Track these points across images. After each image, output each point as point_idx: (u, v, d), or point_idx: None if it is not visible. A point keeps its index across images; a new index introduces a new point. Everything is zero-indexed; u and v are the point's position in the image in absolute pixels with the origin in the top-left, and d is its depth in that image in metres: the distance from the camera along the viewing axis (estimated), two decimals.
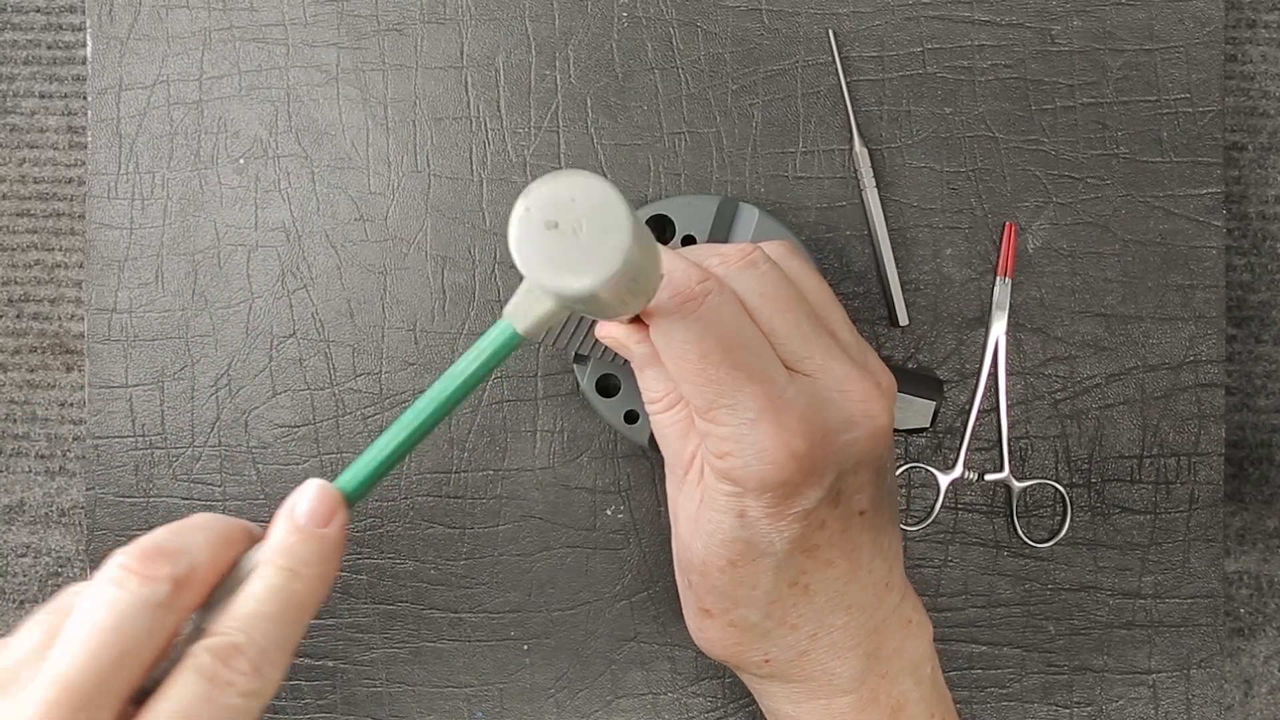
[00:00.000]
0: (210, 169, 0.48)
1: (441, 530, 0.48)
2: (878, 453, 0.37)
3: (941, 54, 0.48)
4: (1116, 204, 0.48)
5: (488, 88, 0.48)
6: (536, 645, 0.48)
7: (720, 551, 0.36)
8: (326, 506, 0.32)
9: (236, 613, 0.30)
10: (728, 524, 0.36)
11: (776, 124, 0.48)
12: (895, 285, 0.47)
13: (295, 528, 0.32)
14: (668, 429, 0.38)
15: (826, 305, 0.38)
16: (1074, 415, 0.48)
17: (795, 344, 0.36)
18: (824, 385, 0.36)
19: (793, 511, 0.35)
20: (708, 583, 0.38)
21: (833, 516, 0.36)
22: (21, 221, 0.52)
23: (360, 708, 0.48)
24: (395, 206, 0.48)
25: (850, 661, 0.38)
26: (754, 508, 0.35)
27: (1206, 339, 0.48)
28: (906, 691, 0.39)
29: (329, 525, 0.32)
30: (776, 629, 0.38)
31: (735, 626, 0.38)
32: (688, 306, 0.34)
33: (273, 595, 0.31)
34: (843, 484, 0.36)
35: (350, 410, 0.48)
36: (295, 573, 0.31)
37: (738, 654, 0.39)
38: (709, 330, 0.34)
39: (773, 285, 0.36)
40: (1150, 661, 0.48)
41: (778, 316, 0.36)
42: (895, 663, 0.39)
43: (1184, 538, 0.48)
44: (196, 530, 0.32)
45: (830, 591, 0.38)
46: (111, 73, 0.48)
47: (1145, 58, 0.48)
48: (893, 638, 0.39)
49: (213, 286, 0.48)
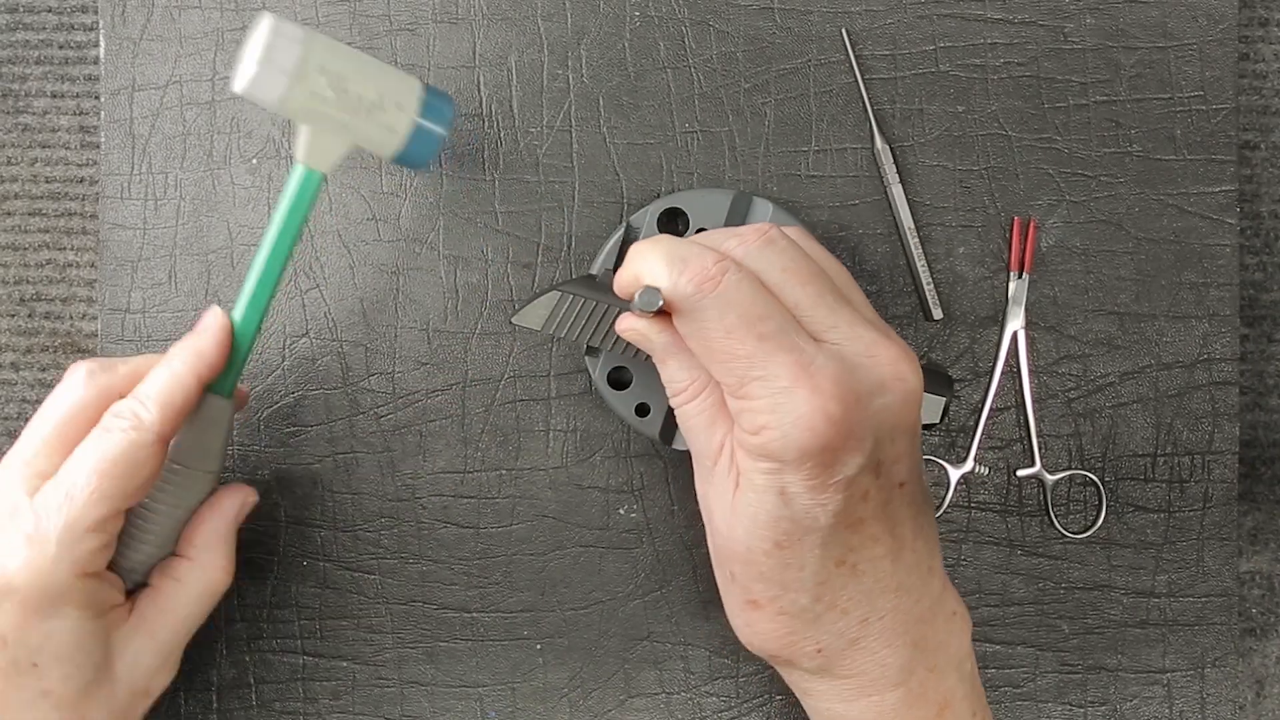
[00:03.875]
0: (223, 169, 0.48)
1: (454, 530, 0.48)
2: (912, 418, 0.37)
3: (954, 52, 0.48)
4: (1130, 202, 0.48)
5: (500, 87, 0.48)
6: (549, 645, 0.48)
7: (764, 534, 0.36)
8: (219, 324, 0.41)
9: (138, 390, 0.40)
10: (769, 504, 0.36)
11: (789, 122, 0.48)
12: (927, 280, 0.47)
13: (197, 333, 0.41)
14: (694, 419, 0.38)
15: (847, 286, 0.39)
16: (1087, 414, 0.48)
17: (820, 314, 0.36)
18: (852, 351, 0.36)
19: (834, 481, 0.35)
20: (753, 570, 0.38)
21: (875, 487, 0.36)
22: (33, 221, 0.52)
23: (374, 707, 0.48)
24: (408, 206, 0.48)
25: (900, 651, 0.38)
26: (794, 482, 0.35)
27: (1220, 337, 0.48)
28: (952, 688, 0.39)
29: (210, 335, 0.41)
30: (827, 613, 0.38)
31: (785, 614, 0.38)
32: (706, 286, 0.35)
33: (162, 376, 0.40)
34: (881, 453, 0.36)
35: (364, 410, 0.48)
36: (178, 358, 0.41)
37: (789, 645, 0.39)
38: (730, 307, 0.35)
39: (792, 260, 0.37)
40: (1165, 660, 0.48)
41: (800, 289, 0.36)
42: (941, 655, 0.39)
43: (1198, 536, 0.48)
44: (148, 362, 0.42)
45: (878, 571, 0.37)
46: (124, 73, 0.48)
47: (1158, 55, 0.48)
48: (938, 629, 0.39)
49: (226, 286, 0.48)
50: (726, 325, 0.35)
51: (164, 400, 0.40)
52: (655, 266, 0.36)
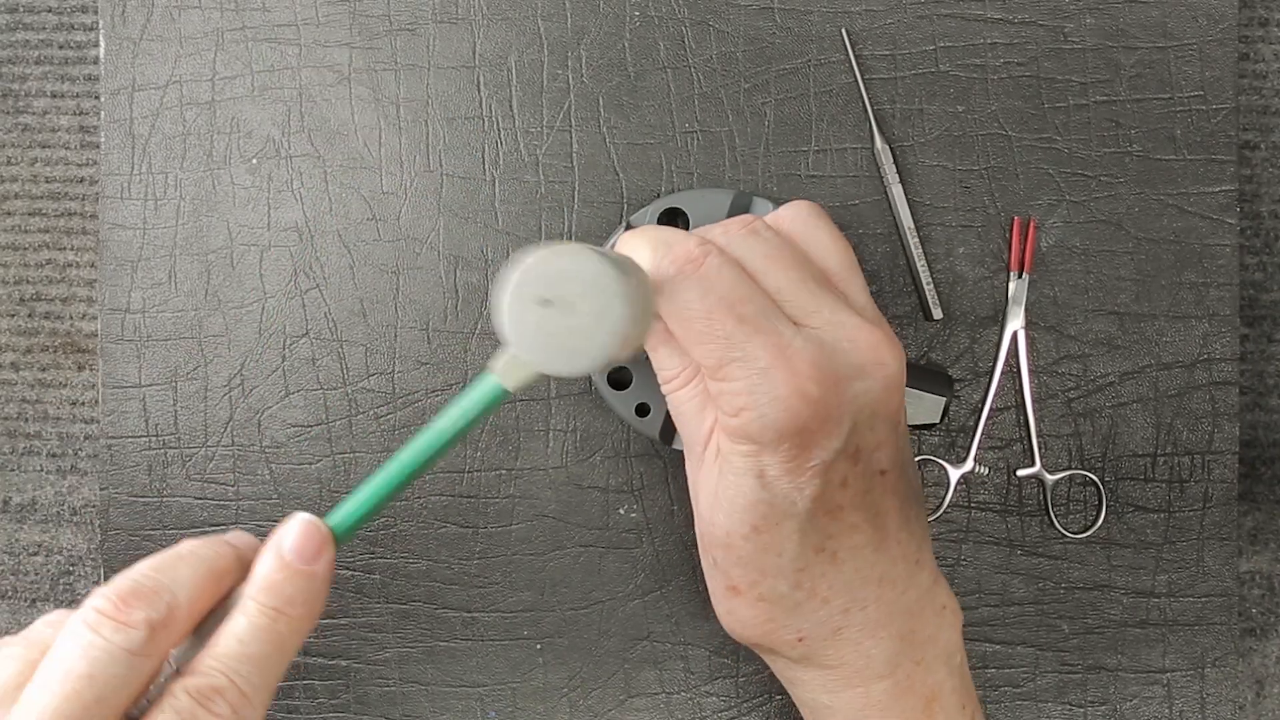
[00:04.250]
0: (223, 169, 0.48)
1: (454, 529, 0.48)
2: (892, 405, 0.37)
3: (954, 52, 0.48)
4: (1130, 202, 0.48)
5: (500, 87, 0.48)
6: (549, 644, 0.48)
7: (742, 518, 0.36)
8: (314, 543, 0.32)
9: (218, 652, 0.30)
10: (748, 487, 0.36)
11: (789, 123, 0.48)
12: (927, 280, 0.47)
13: (282, 564, 0.32)
14: (684, 405, 0.38)
15: (846, 269, 0.39)
16: (1087, 414, 0.48)
17: (802, 299, 0.36)
18: (832, 335, 0.36)
19: (811, 465, 0.35)
20: (732, 555, 0.38)
21: (853, 474, 0.37)
22: (33, 221, 0.52)
23: (373, 707, 0.48)
24: (408, 206, 0.48)
25: (884, 642, 0.38)
26: (772, 465, 0.35)
27: (1220, 337, 0.48)
28: (941, 681, 0.39)
29: (316, 563, 0.32)
30: (807, 601, 0.38)
31: (765, 601, 0.38)
32: (688, 269, 0.35)
33: (256, 635, 0.30)
34: (860, 439, 0.36)
35: (363, 410, 0.48)
36: (279, 612, 0.31)
37: (769, 633, 0.39)
38: (711, 289, 0.35)
39: (775, 248, 0.37)
40: (1165, 660, 0.48)
41: (781, 275, 0.37)
42: (930, 649, 0.39)
43: (1198, 536, 0.48)
44: (181, 564, 0.31)
45: (858, 561, 0.37)
46: (124, 74, 0.48)
47: (1158, 55, 0.48)
48: (927, 623, 0.39)
49: (225, 286, 0.48)
50: (707, 306, 0.35)
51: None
52: (640, 250, 0.36)
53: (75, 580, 0.53)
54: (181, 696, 0.29)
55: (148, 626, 0.29)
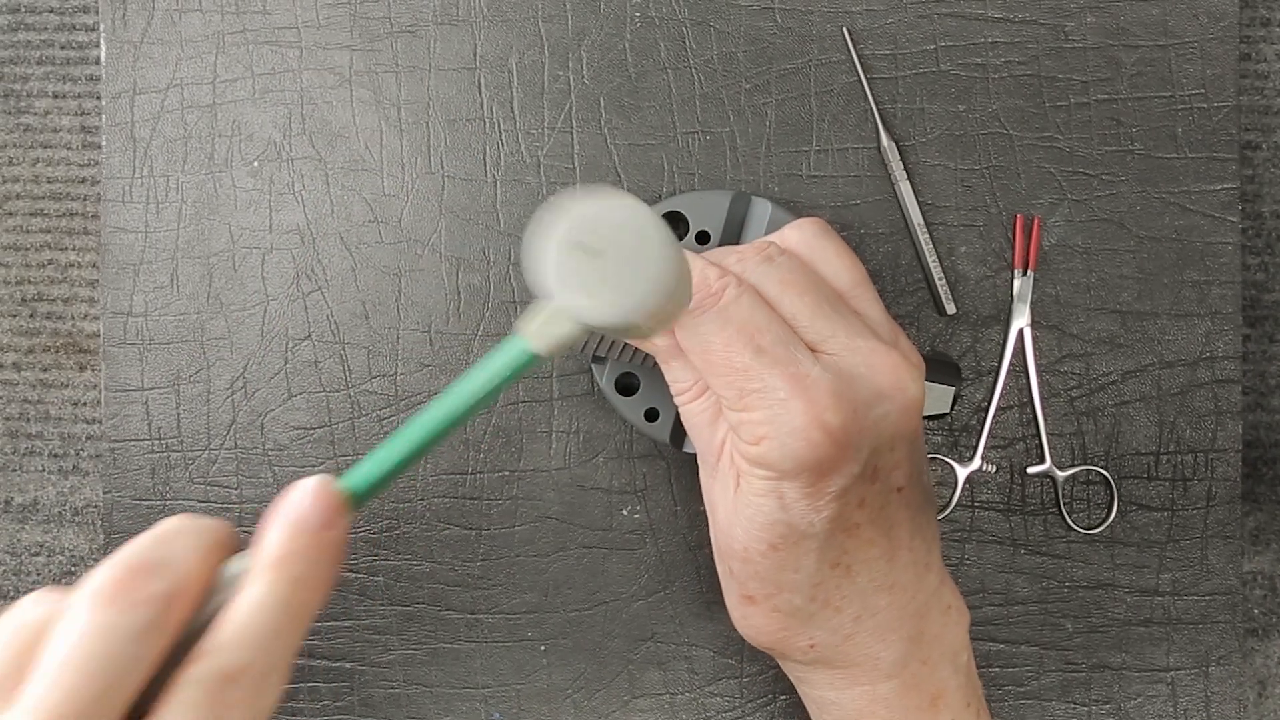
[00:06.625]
0: (224, 172, 0.48)
1: (458, 531, 0.48)
2: (911, 426, 0.37)
3: (955, 51, 0.48)
4: (1131, 200, 0.48)
5: (501, 89, 0.48)
6: (553, 646, 0.48)
7: (761, 536, 0.37)
8: (330, 507, 0.29)
9: (232, 630, 0.27)
10: (767, 508, 0.36)
11: (790, 123, 0.48)
12: (939, 275, 0.47)
13: (296, 531, 0.28)
14: (696, 417, 0.38)
15: (857, 285, 0.39)
16: (1090, 412, 0.48)
17: (818, 324, 0.36)
18: (850, 362, 0.36)
19: (830, 491, 0.35)
20: (750, 569, 0.38)
21: (871, 494, 0.37)
22: (35, 221, 0.52)
23: (378, 709, 0.48)
24: (409, 208, 0.48)
25: (894, 645, 0.39)
26: (791, 491, 0.35)
27: (1223, 335, 0.48)
28: (946, 679, 0.39)
29: (332, 528, 0.28)
30: (820, 612, 0.38)
31: (779, 612, 0.38)
32: (707, 302, 0.35)
33: (271, 608, 0.27)
34: (879, 460, 0.36)
35: (366, 412, 0.48)
36: (296, 581, 0.28)
37: (782, 640, 0.39)
38: (729, 321, 0.35)
39: (790, 273, 0.37)
40: (1168, 659, 0.48)
41: (797, 301, 0.37)
42: (936, 649, 0.39)
43: (1201, 534, 0.48)
44: (181, 536, 0.28)
45: (872, 571, 0.38)
46: (125, 77, 0.48)
47: (1159, 53, 0.48)
48: (933, 623, 0.39)
49: (227, 289, 0.48)
50: (725, 338, 0.35)
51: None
52: None
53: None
54: (195, 686, 0.26)
55: (158, 601, 0.26)
